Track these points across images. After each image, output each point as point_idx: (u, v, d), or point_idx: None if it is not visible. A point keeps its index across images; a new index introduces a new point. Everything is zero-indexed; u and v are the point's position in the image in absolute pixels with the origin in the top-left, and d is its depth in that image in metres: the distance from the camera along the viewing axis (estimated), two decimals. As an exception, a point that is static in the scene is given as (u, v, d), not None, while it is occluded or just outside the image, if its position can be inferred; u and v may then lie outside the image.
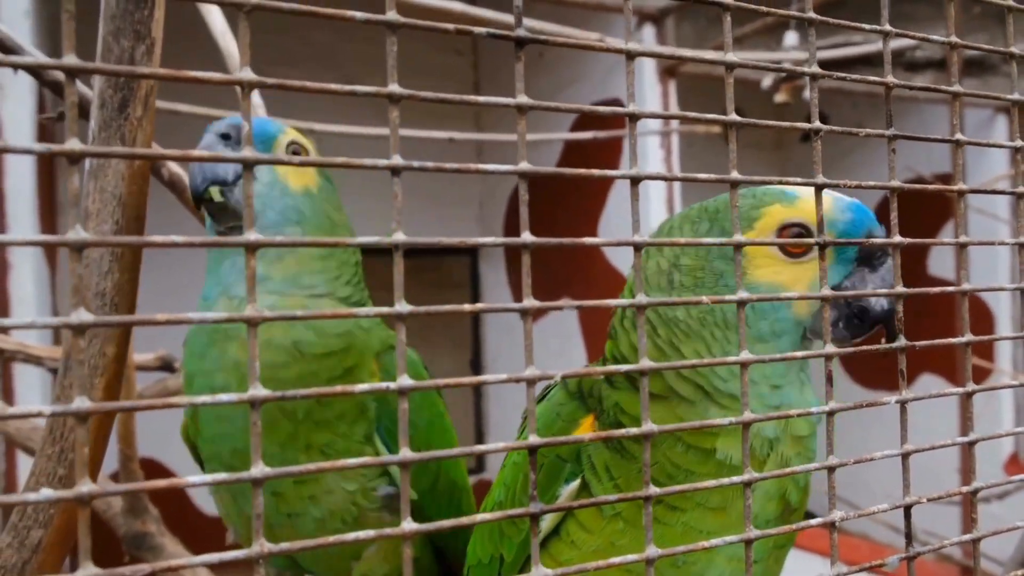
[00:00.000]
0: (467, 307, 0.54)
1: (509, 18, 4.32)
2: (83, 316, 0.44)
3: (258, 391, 0.48)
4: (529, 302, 0.55)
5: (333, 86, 0.49)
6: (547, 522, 1.08)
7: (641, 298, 0.59)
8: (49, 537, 0.89)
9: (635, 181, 0.59)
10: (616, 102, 6.23)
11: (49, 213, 5.77)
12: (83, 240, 0.44)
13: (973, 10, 6.14)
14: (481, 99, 0.54)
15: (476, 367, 7.93)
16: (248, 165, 0.48)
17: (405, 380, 0.52)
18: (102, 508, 2.17)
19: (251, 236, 0.48)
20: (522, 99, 0.55)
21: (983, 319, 6.79)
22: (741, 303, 0.63)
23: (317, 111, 4.44)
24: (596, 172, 0.58)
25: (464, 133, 5.95)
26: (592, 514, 1.05)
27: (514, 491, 1.15)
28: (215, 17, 1.97)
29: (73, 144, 0.44)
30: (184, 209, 1.73)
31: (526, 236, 0.55)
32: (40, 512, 0.91)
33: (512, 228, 7.52)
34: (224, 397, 0.47)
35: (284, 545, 0.48)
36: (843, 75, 0.67)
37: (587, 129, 5.79)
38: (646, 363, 0.60)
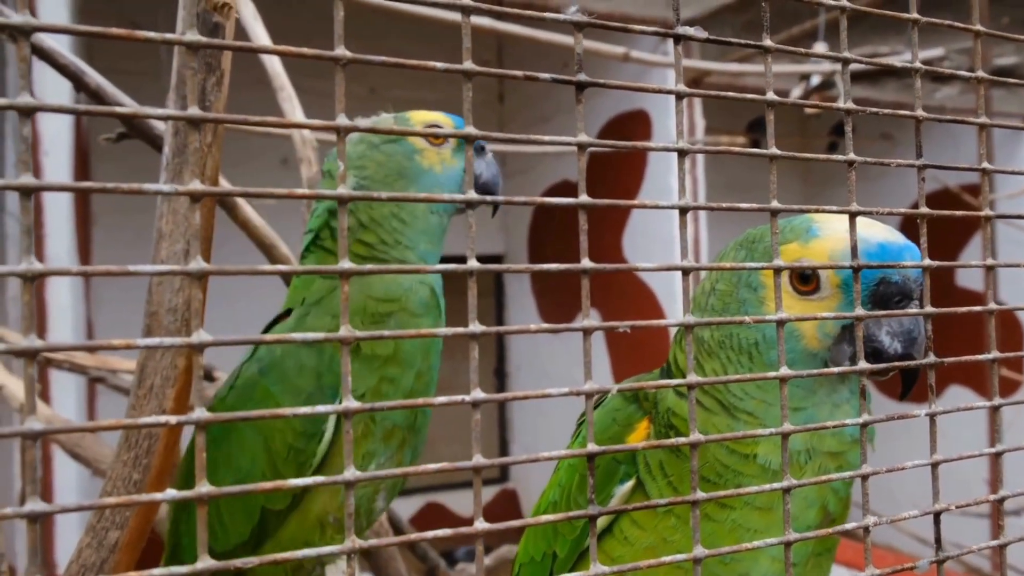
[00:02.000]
0: (533, 327, 0.59)
1: (536, 33, 4.38)
2: (203, 336, 0.50)
3: (351, 403, 0.53)
4: (588, 322, 0.60)
5: (416, 131, 0.55)
6: (601, 520, 1.15)
7: (689, 318, 0.65)
8: (125, 537, 0.95)
9: (683, 211, 0.64)
10: (640, 113, 6.27)
11: (84, 224, 5.90)
12: (204, 270, 0.50)
13: (1001, 20, 6.12)
14: (546, 138, 0.60)
15: (500, 375, 7.99)
16: (343, 201, 0.54)
17: (478, 393, 0.57)
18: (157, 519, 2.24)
19: (345, 264, 0.53)
20: (582, 137, 0.61)
21: (1013, 330, 6.74)
22: (780, 323, 0.68)
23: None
24: (648, 204, 0.63)
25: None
26: (646, 511, 1.13)
27: (569, 491, 1.22)
28: (262, 39, 2.04)
29: (195, 185, 0.50)
30: (233, 225, 1.81)
31: (585, 262, 0.60)
32: (117, 514, 0.97)
33: (537, 235, 7.57)
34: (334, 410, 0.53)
35: (372, 541, 0.54)
36: (876, 110, 0.72)
37: (612, 137, 5.83)
38: (693, 378, 0.65)
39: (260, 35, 2.13)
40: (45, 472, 5.02)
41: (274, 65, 2.02)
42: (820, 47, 5.29)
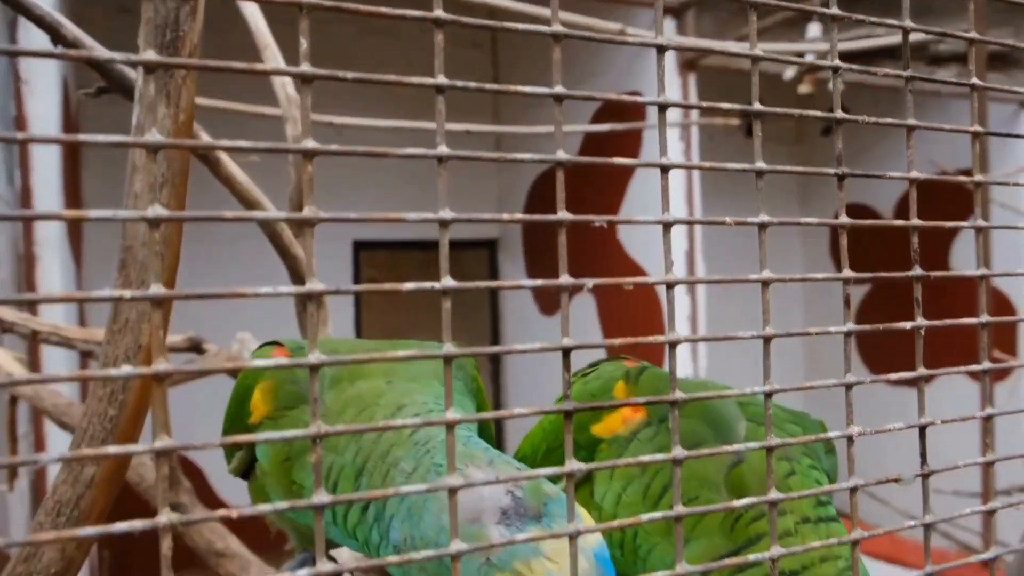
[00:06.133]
0: (508, 283, 0.58)
1: (529, 8, 4.34)
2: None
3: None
4: (566, 279, 0.59)
5: (386, 77, 0.53)
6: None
7: (670, 277, 0.63)
8: (101, 473, 0.94)
9: (664, 169, 0.63)
10: (636, 95, 6.23)
11: (75, 207, 5.85)
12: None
13: (997, 3, 6.09)
14: (525, 88, 0.58)
15: (494, 361, 7.98)
16: (307, 155, 0.52)
17: (450, 348, 0.56)
18: (135, 480, 2.24)
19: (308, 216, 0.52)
20: (558, 89, 0.59)
21: (1006, 312, 6.74)
22: (764, 284, 0.67)
23: (335, 105, 4.46)
24: (628, 161, 0.61)
25: (482, 126, 5.98)
26: (633, 501, 1.05)
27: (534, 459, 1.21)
28: (256, 19, 2.01)
29: (153, 136, 0.48)
30: (217, 184, 1.77)
31: (563, 214, 0.59)
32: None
33: (531, 223, 7.54)
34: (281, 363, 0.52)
35: (341, 496, 0.52)
36: (863, 68, 0.70)
37: (606, 122, 5.81)
38: (674, 335, 0.63)
39: (257, 20, 2.08)
40: (38, 449, 4.99)
41: (258, 23, 1.99)
42: (814, 27, 5.26)
